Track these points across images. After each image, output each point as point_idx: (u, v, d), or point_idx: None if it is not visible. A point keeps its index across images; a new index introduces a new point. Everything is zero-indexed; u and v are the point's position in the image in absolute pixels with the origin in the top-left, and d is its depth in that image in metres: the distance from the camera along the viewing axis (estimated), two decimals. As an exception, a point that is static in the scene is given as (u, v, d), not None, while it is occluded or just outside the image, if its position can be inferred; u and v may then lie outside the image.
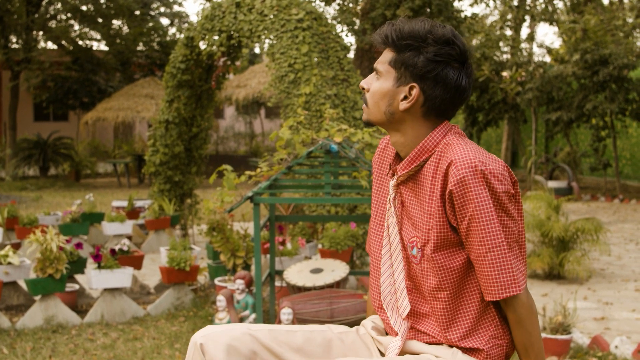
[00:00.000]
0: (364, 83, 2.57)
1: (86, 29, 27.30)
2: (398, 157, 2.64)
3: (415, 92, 2.46)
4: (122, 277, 6.90)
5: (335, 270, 6.49)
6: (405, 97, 2.48)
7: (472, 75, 2.52)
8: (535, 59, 20.94)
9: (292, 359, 2.61)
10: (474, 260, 2.42)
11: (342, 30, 14.70)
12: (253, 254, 7.20)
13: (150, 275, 9.23)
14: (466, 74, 2.48)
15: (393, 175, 2.61)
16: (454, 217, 2.41)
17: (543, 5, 22.12)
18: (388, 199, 2.62)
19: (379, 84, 2.52)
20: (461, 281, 2.48)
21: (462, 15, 14.94)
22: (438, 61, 2.43)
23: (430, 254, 2.46)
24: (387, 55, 2.52)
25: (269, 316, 6.54)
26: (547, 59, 22.33)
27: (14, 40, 25.14)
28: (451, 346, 2.53)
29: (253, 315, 6.25)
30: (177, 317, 6.95)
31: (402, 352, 2.61)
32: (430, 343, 2.58)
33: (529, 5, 21.67)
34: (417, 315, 2.61)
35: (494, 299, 2.41)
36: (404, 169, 2.53)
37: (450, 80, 2.45)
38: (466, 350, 2.52)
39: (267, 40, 9.12)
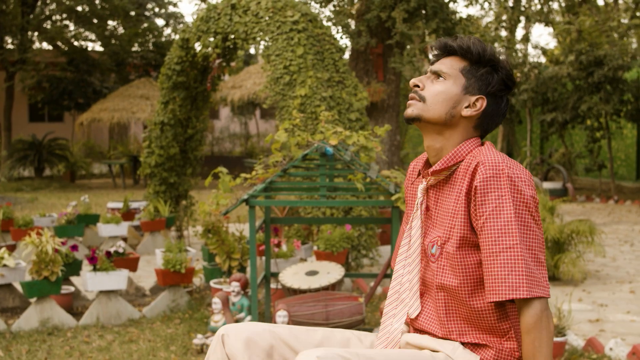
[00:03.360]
0: (417, 81, 2.67)
1: (81, 30, 27.28)
2: (428, 164, 2.74)
3: (480, 103, 2.61)
4: (117, 279, 6.91)
5: (331, 272, 6.50)
6: (468, 106, 2.62)
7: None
8: (530, 60, 20.93)
9: None
10: (485, 258, 2.45)
11: (337, 32, 14.70)
12: (248, 256, 7.21)
13: (146, 277, 9.23)
14: (507, 105, 2.70)
15: (422, 180, 2.70)
16: (475, 214, 2.48)
17: (538, 6, 22.15)
18: (416, 203, 2.70)
19: (446, 86, 2.63)
20: (477, 283, 2.53)
21: (457, 16, 14.94)
22: (506, 84, 2.64)
23: (453, 252, 2.53)
24: (457, 62, 2.66)
25: (265, 318, 6.55)
26: (542, 60, 22.34)
27: (9, 41, 25.12)
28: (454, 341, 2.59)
29: (248, 318, 6.25)
30: (173, 320, 6.96)
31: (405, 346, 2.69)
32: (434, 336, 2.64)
33: (524, 6, 21.69)
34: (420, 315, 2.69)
35: (498, 300, 2.41)
36: (436, 173, 2.62)
37: (504, 105, 2.67)
38: (469, 345, 2.56)
39: (262, 42, 9.12)
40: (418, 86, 2.66)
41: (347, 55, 15.01)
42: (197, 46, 9.92)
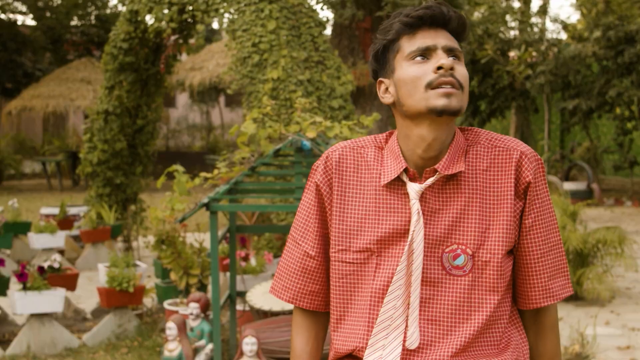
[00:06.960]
0: (451, 62, 2.47)
1: (9, 0, 27.18)
2: (406, 161, 2.56)
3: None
4: (52, 300, 6.88)
5: (309, 291, 6.50)
6: None
7: None
8: (549, 36, 21.03)
9: None
10: (532, 262, 2.50)
11: (317, 2, 14.72)
12: (210, 272, 7.20)
13: (87, 297, 9.21)
14: None
15: (411, 179, 2.53)
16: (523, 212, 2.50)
17: (557, -28, 22.28)
18: (413, 208, 2.51)
19: (465, 69, 2.54)
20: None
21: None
22: None
23: (499, 260, 2.46)
24: (450, 38, 2.53)
25: (229, 347, 6.55)
26: (563, 36, 22.46)
27: None
28: None
29: (210, 346, 6.25)
30: (119, 348, 6.94)
31: None
32: None
33: (540, -28, 21.81)
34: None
35: (546, 304, 2.50)
36: (447, 169, 2.49)
37: None
38: None
39: (226, 15, 9.11)
40: (452, 68, 2.46)
41: (328, 31, 15.02)
42: (149, 19, 9.90)
